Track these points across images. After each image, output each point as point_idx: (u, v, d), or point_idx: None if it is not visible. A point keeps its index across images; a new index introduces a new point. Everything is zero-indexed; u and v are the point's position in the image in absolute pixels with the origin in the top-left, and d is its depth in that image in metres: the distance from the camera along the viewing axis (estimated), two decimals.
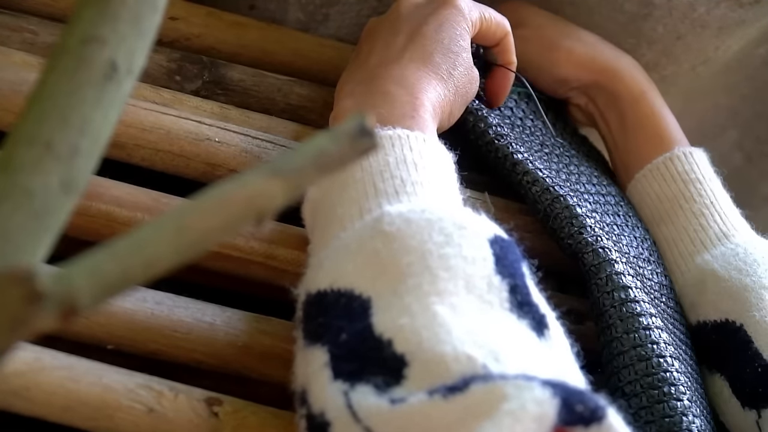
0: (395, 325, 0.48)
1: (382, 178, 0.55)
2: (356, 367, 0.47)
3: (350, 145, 0.36)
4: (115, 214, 0.60)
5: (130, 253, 0.33)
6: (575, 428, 0.43)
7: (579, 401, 0.42)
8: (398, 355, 0.47)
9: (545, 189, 0.68)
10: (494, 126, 0.71)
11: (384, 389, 0.46)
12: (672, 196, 0.73)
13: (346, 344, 0.48)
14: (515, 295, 0.50)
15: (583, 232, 0.67)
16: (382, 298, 0.49)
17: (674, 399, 0.62)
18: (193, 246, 0.34)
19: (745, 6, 0.79)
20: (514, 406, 0.42)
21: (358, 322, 0.49)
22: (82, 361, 0.54)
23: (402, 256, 0.50)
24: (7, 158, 0.36)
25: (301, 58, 0.74)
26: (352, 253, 0.51)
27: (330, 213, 0.55)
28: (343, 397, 0.46)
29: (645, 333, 0.63)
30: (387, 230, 0.51)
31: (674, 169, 0.73)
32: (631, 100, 0.76)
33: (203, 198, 0.35)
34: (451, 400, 0.43)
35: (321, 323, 0.50)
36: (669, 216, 0.73)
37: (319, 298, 0.51)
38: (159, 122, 0.63)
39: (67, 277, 0.32)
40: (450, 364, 0.45)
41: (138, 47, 0.39)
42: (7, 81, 0.62)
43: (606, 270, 0.65)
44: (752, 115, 0.95)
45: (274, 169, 0.35)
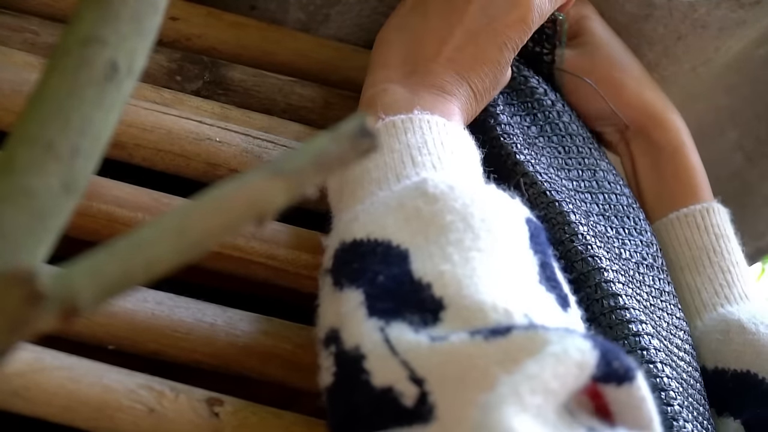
0: (436, 270, 0.48)
1: (420, 152, 0.56)
2: (392, 306, 0.48)
3: (351, 146, 0.36)
4: (115, 214, 0.60)
5: (130, 254, 0.33)
6: (608, 385, 0.43)
7: (616, 358, 0.43)
8: (436, 297, 0.47)
9: (542, 192, 0.68)
10: (503, 124, 0.70)
11: (420, 327, 0.46)
12: (702, 246, 0.73)
13: (382, 285, 0.49)
14: (545, 270, 0.51)
15: (574, 240, 0.66)
16: (422, 249, 0.50)
17: (664, 404, 0.62)
18: (194, 246, 0.34)
19: (745, 7, 0.79)
20: (557, 349, 0.42)
21: (396, 267, 0.49)
22: (83, 361, 0.54)
23: (445, 215, 0.51)
24: (8, 159, 0.36)
25: (302, 59, 0.74)
26: (392, 209, 0.52)
27: (363, 176, 0.56)
28: (380, 333, 0.46)
29: (634, 339, 0.63)
30: (431, 192, 0.52)
31: (709, 220, 0.74)
32: (671, 152, 0.76)
33: (204, 198, 0.35)
34: (492, 342, 0.44)
35: (356, 268, 0.50)
36: (696, 265, 0.73)
37: (354, 246, 0.51)
38: (160, 122, 0.63)
39: (68, 277, 0.32)
40: (488, 312, 0.46)
41: (139, 47, 0.39)
42: (7, 81, 0.62)
43: (595, 278, 0.65)
44: (752, 116, 0.95)
45: (275, 169, 0.35)
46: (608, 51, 0.76)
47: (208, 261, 0.61)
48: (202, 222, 0.34)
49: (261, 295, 0.65)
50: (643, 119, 0.76)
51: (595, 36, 0.77)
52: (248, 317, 0.59)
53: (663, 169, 0.76)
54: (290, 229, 0.63)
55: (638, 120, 0.77)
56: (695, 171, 0.76)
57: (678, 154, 0.76)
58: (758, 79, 0.91)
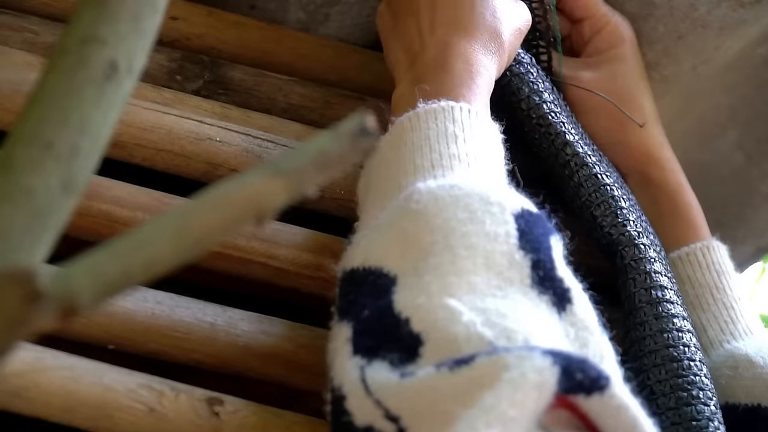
0: (413, 304, 0.48)
1: (421, 153, 0.56)
2: (374, 344, 0.48)
3: (351, 145, 0.36)
4: (115, 214, 0.60)
5: (130, 253, 0.33)
6: (577, 396, 0.43)
7: (579, 370, 0.43)
8: (415, 333, 0.47)
9: (593, 175, 0.67)
10: (549, 102, 0.69)
11: (398, 366, 0.47)
12: (705, 284, 0.73)
13: (367, 320, 0.49)
14: (537, 270, 0.50)
15: (627, 225, 0.66)
16: (406, 276, 0.50)
17: (702, 403, 0.61)
18: (194, 246, 0.34)
19: (746, 6, 0.79)
20: (514, 374, 0.42)
21: (381, 299, 0.49)
22: (83, 361, 0.54)
23: (426, 235, 0.51)
24: (8, 158, 0.36)
25: (302, 58, 0.74)
26: (383, 231, 0.52)
27: (375, 192, 0.57)
28: (359, 371, 0.47)
29: (678, 335, 0.63)
30: (414, 208, 0.52)
31: (710, 258, 0.74)
32: (671, 191, 0.76)
33: (204, 198, 0.35)
34: (456, 372, 0.44)
35: (350, 300, 0.51)
36: (700, 303, 0.73)
37: (351, 276, 0.52)
38: (160, 122, 0.63)
39: (68, 277, 0.32)
40: (461, 344, 0.46)
41: (138, 47, 0.39)
42: (7, 81, 0.62)
43: (646, 267, 0.65)
44: (752, 115, 0.95)
45: (275, 168, 0.35)
46: (627, 81, 0.76)
47: (209, 260, 0.61)
48: (202, 221, 0.34)
49: (261, 295, 0.65)
50: (642, 157, 0.76)
51: (622, 62, 0.76)
52: (248, 317, 0.59)
53: (662, 208, 0.76)
54: (291, 229, 0.63)
55: (636, 157, 0.76)
56: (693, 209, 0.76)
57: (677, 194, 0.76)
58: (758, 79, 0.91)
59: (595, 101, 0.74)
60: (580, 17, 0.76)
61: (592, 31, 0.76)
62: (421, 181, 0.54)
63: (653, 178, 0.76)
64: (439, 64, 0.61)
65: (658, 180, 0.76)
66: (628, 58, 0.77)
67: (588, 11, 0.76)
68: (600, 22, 0.76)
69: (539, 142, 0.69)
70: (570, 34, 0.78)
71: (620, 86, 0.75)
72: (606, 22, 0.76)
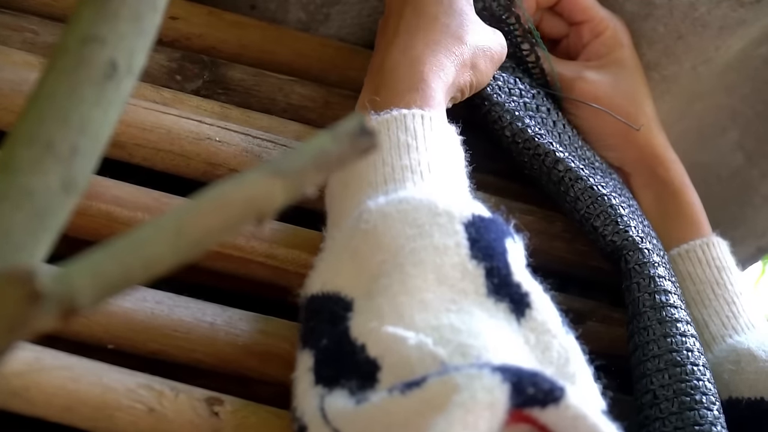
0: (366, 329, 0.48)
1: (374, 168, 0.55)
2: (334, 373, 0.48)
3: (351, 145, 0.36)
4: (115, 214, 0.60)
5: (130, 253, 0.33)
6: (532, 409, 0.43)
7: (531, 384, 0.43)
8: (371, 359, 0.47)
9: (588, 187, 0.68)
10: (532, 126, 0.70)
11: (357, 393, 0.47)
12: (706, 280, 0.73)
13: (326, 349, 0.49)
14: (492, 278, 0.50)
15: (628, 231, 0.66)
16: (360, 299, 0.50)
17: (705, 408, 0.61)
18: (194, 246, 0.34)
19: (746, 5, 0.79)
20: (464, 397, 0.42)
21: (339, 325, 0.49)
22: (83, 360, 0.54)
23: (375, 254, 0.51)
24: (7, 158, 0.36)
25: (302, 58, 0.74)
26: (337, 253, 0.52)
27: (335, 211, 0.56)
28: (319, 400, 0.47)
29: (682, 339, 0.63)
30: (363, 228, 0.52)
31: (710, 254, 0.74)
32: (673, 190, 0.76)
33: (203, 197, 0.35)
34: (409, 396, 0.44)
35: (310, 327, 0.51)
36: (701, 299, 0.73)
37: (311, 302, 0.52)
38: (159, 122, 0.63)
39: (67, 276, 0.32)
40: (415, 366, 0.46)
41: (138, 47, 0.39)
42: (7, 80, 0.62)
43: (650, 271, 0.65)
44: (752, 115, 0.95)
45: (275, 168, 0.35)
46: (629, 84, 0.77)
47: (208, 260, 0.61)
48: (201, 221, 0.34)
49: (261, 295, 0.65)
50: (649, 157, 0.76)
51: (623, 66, 0.77)
52: (248, 317, 0.59)
53: (667, 206, 0.76)
54: (290, 229, 0.62)
55: (643, 157, 0.76)
56: (695, 207, 0.76)
57: (680, 192, 0.76)
58: (759, 79, 0.91)
59: (600, 103, 0.74)
60: (580, 20, 0.77)
61: (592, 35, 0.76)
62: (372, 197, 0.53)
63: (659, 176, 0.76)
64: (394, 68, 0.61)
65: (663, 179, 0.76)
66: (628, 62, 0.77)
67: (587, 14, 0.76)
68: (600, 26, 0.76)
69: (530, 164, 0.70)
70: (567, 36, 0.78)
71: (622, 90, 0.76)
72: (605, 27, 0.76)
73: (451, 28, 0.63)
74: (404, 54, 0.61)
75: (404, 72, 0.60)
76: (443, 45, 0.62)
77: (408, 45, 0.62)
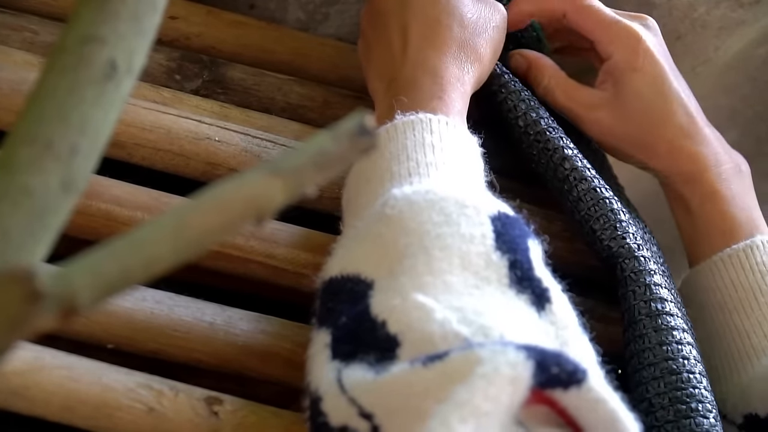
0: (388, 306, 0.48)
1: (398, 161, 0.56)
2: (352, 348, 0.48)
3: (350, 144, 0.36)
4: (115, 214, 0.60)
5: (129, 253, 0.33)
6: (554, 391, 0.43)
7: (555, 363, 0.43)
8: (391, 335, 0.47)
9: (592, 189, 0.67)
10: (546, 117, 0.69)
11: (375, 366, 0.47)
12: (749, 286, 0.70)
13: (345, 326, 0.49)
14: (515, 270, 0.50)
15: (626, 237, 0.65)
16: (382, 281, 0.50)
17: (701, 416, 0.61)
18: (193, 245, 0.34)
19: (745, 6, 0.79)
20: (487, 369, 0.42)
21: (358, 304, 0.50)
22: (82, 360, 0.54)
23: (401, 238, 0.51)
24: (7, 157, 0.36)
25: (301, 57, 0.74)
26: (359, 238, 0.53)
27: (355, 203, 0.57)
28: (336, 373, 0.47)
29: (677, 347, 0.63)
30: (389, 213, 0.52)
31: (753, 259, 0.71)
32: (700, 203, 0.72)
33: (203, 197, 0.35)
34: (430, 368, 0.44)
35: (329, 308, 0.51)
36: (743, 306, 0.70)
37: (329, 285, 0.52)
38: (159, 121, 0.63)
39: (67, 276, 0.32)
40: (437, 342, 0.46)
41: (138, 46, 0.39)
42: (7, 80, 0.62)
43: (646, 279, 0.64)
44: (752, 115, 0.95)
45: (274, 168, 0.35)
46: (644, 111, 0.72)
47: (207, 260, 0.61)
48: (201, 221, 0.34)
49: (260, 294, 0.65)
50: (673, 174, 0.73)
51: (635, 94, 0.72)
52: (247, 316, 0.59)
53: (696, 218, 0.73)
54: (289, 228, 0.63)
55: (666, 173, 0.73)
56: (729, 215, 0.72)
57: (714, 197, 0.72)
58: (758, 79, 0.91)
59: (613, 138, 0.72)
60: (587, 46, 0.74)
61: (599, 60, 0.73)
62: (396, 187, 0.54)
63: (683, 193, 0.73)
64: (411, 81, 0.61)
65: (688, 195, 0.73)
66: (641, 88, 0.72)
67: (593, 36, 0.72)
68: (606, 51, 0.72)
69: (537, 157, 0.69)
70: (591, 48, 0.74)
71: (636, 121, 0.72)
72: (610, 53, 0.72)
73: (455, 31, 0.64)
74: (422, 67, 0.62)
75: (424, 83, 0.61)
76: (453, 54, 0.63)
77: (422, 57, 0.62)
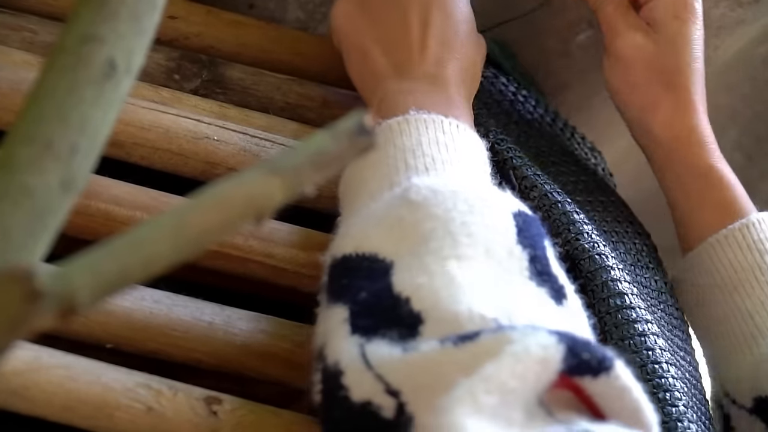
0: (413, 284, 0.48)
1: (413, 155, 0.56)
2: (373, 323, 0.48)
3: (349, 144, 0.36)
4: (114, 213, 0.60)
5: (128, 252, 0.33)
6: (583, 378, 0.43)
7: (585, 349, 0.43)
8: (415, 312, 0.47)
9: (543, 195, 0.68)
10: (493, 131, 0.70)
11: (399, 343, 0.46)
12: (748, 266, 0.70)
13: (365, 302, 0.49)
14: (535, 264, 0.51)
15: (580, 239, 0.66)
16: (404, 260, 0.50)
17: (669, 405, 0.62)
18: (192, 244, 0.34)
19: (744, 5, 0.79)
20: (517, 348, 0.42)
21: (379, 282, 0.50)
22: (81, 359, 0.54)
23: (425, 222, 0.51)
24: (7, 157, 0.36)
25: (301, 57, 0.74)
26: (378, 219, 0.53)
27: (361, 187, 0.57)
28: (358, 348, 0.47)
29: (640, 339, 0.63)
30: (413, 199, 0.52)
31: (750, 237, 0.70)
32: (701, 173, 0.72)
33: (202, 196, 0.35)
34: (461, 348, 0.44)
35: (344, 284, 0.51)
36: (744, 286, 0.70)
37: (343, 262, 0.52)
38: (158, 121, 0.63)
39: (66, 275, 0.32)
40: (464, 322, 0.46)
41: (137, 46, 0.39)
42: (6, 80, 0.62)
43: (602, 276, 0.65)
44: (752, 115, 0.95)
45: (273, 167, 0.35)
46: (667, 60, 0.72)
47: (206, 259, 0.61)
48: (200, 220, 0.34)
49: (259, 294, 0.65)
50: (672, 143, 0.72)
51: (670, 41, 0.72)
52: (246, 316, 0.59)
53: (693, 188, 0.72)
54: (288, 228, 0.63)
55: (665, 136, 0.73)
56: (731, 189, 0.72)
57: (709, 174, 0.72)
58: (758, 78, 0.91)
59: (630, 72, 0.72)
60: None
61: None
62: (415, 178, 0.54)
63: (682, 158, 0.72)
64: (426, 81, 0.62)
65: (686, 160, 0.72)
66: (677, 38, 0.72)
67: None
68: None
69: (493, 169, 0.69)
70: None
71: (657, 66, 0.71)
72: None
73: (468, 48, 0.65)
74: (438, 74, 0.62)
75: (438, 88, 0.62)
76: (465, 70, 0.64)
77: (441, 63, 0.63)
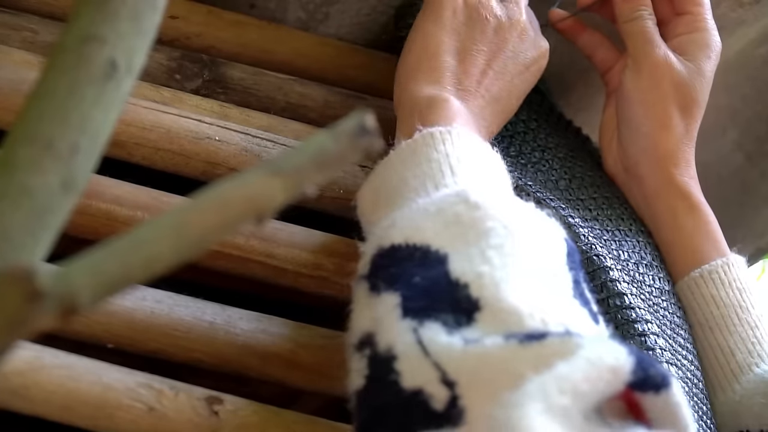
0: (474, 271, 0.48)
1: (459, 162, 0.57)
2: (426, 305, 0.47)
3: (350, 144, 0.36)
4: (115, 213, 0.60)
5: (130, 252, 0.33)
6: (646, 394, 0.43)
7: (651, 365, 0.43)
8: (473, 298, 0.47)
9: (536, 202, 0.68)
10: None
11: (453, 328, 0.46)
12: (729, 303, 0.71)
13: (418, 286, 0.48)
14: (578, 286, 0.51)
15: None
16: (461, 252, 0.50)
17: None
18: (193, 245, 0.34)
19: (745, 6, 0.79)
20: (591, 353, 0.42)
21: (434, 269, 0.49)
22: (82, 359, 0.54)
23: (485, 221, 0.51)
24: (7, 157, 0.36)
25: (302, 57, 0.74)
26: (431, 214, 0.52)
27: (401, 183, 0.57)
28: (413, 334, 0.46)
29: (640, 339, 0.63)
30: (473, 199, 0.52)
31: (731, 275, 0.72)
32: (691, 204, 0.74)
33: (203, 197, 0.35)
34: (527, 347, 0.43)
35: (393, 272, 0.50)
36: (726, 324, 0.71)
37: (392, 251, 0.51)
38: (159, 121, 0.63)
39: (67, 275, 0.32)
40: (524, 317, 0.46)
41: (138, 46, 0.39)
42: (6, 80, 0.62)
43: (601, 277, 0.65)
44: (752, 115, 0.95)
45: (274, 167, 0.35)
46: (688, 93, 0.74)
47: (208, 259, 0.61)
48: (201, 220, 0.34)
49: (260, 294, 0.65)
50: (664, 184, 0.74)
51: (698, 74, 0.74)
52: (247, 316, 0.59)
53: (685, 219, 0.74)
54: (289, 228, 0.63)
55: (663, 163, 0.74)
56: (714, 225, 0.74)
57: (698, 208, 0.74)
58: (758, 79, 0.91)
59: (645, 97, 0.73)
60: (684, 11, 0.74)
61: (687, 29, 0.74)
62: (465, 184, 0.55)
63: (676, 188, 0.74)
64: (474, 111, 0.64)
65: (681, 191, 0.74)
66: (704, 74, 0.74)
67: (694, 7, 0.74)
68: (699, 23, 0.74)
69: None
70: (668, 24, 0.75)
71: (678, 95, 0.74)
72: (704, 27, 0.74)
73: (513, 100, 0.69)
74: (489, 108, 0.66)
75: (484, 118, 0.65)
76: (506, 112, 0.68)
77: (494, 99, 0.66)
